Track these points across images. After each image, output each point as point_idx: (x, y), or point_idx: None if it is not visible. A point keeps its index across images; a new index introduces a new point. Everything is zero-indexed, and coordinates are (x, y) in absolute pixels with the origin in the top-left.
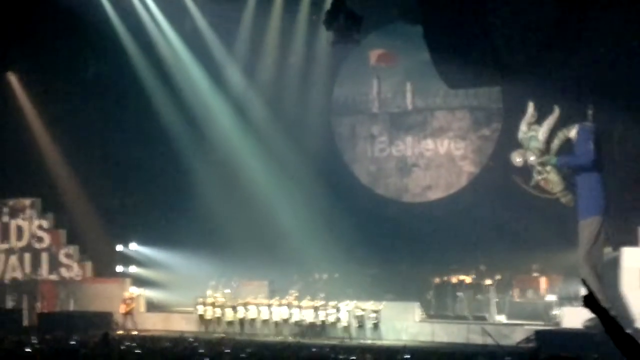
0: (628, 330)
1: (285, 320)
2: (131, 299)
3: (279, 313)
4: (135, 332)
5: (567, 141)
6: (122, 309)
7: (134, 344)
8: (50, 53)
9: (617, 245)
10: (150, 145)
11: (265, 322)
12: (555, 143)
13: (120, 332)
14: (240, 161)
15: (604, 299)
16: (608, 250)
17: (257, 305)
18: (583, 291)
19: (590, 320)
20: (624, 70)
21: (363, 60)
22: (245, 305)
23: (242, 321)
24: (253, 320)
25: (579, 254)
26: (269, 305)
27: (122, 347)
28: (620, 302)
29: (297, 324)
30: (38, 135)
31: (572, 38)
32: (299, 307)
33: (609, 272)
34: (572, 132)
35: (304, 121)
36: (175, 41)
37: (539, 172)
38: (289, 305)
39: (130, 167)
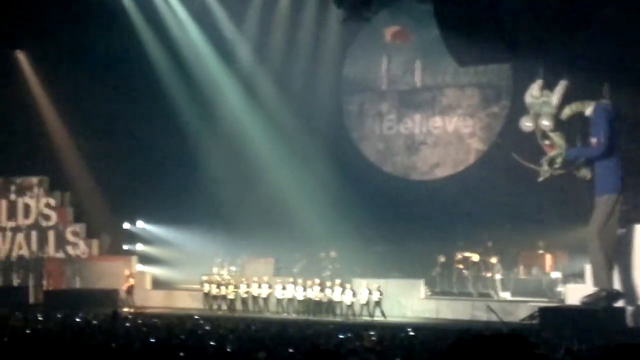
0: (631, 308)
1: (291, 298)
2: (131, 276)
3: (284, 291)
4: (138, 310)
5: (580, 115)
6: (124, 286)
7: (140, 321)
8: (58, 31)
9: (626, 222)
10: (158, 123)
11: (270, 299)
12: (566, 112)
13: (127, 309)
14: (248, 138)
15: (610, 277)
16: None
17: (262, 283)
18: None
19: (589, 296)
20: (636, 45)
21: (373, 38)
22: (250, 282)
23: (247, 299)
24: (258, 297)
25: (591, 229)
26: (274, 283)
27: (128, 324)
28: (628, 279)
29: (302, 301)
30: (46, 113)
31: (582, 14)
32: (304, 285)
33: (618, 249)
34: (589, 110)
35: (313, 99)
36: (184, 18)
37: (545, 137)
38: (295, 283)
39: (138, 145)
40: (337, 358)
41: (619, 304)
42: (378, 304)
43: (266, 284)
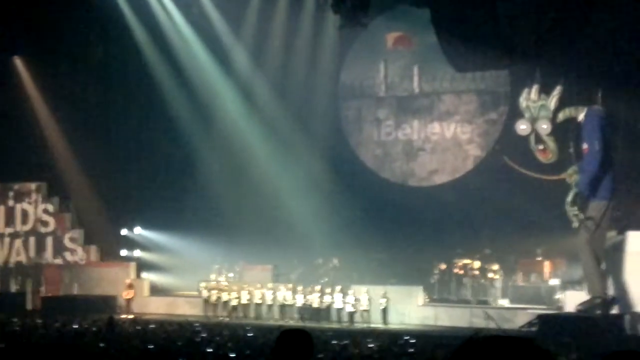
0: (628, 315)
1: (289, 305)
2: (131, 286)
3: (282, 298)
4: (136, 317)
5: (573, 120)
6: (125, 294)
7: (139, 328)
8: (56, 37)
9: (622, 229)
10: (156, 128)
11: (269, 306)
12: (559, 117)
13: (124, 316)
14: (246, 144)
15: (604, 283)
16: (612, 234)
17: (262, 289)
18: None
19: (583, 303)
20: (632, 53)
21: (370, 44)
22: (249, 289)
23: (245, 305)
24: (257, 304)
25: (581, 236)
26: (273, 290)
27: (127, 331)
28: (623, 286)
29: (301, 308)
30: (43, 119)
31: (579, 21)
32: (303, 292)
33: (613, 255)
34: (581, 115)
35: (310, 105)
36: (182, 24)
37: (540, 141)
38: (294, 290)
39: (135, 150)
40: (308, 338)
41: (615, 310)
42: (384, 310)
43: (267, 291)
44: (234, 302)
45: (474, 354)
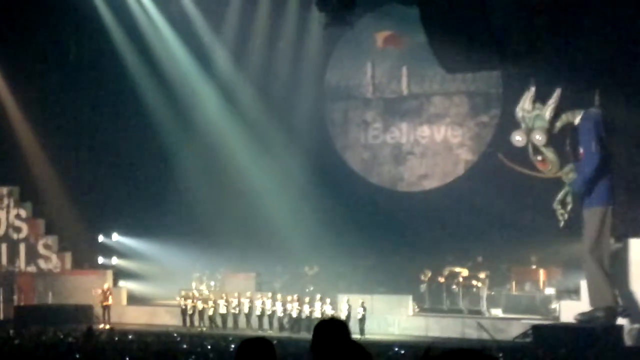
0: (630, 325)
1: (271, 315)
2: (105, 292)
3: (264, 307)
4: (114, 327)
5: (570, 124)
6: (99, 300)
7: (116, 338)
8: (28, 36)
9: (621, 236)
10: (134, 131)
11: (250, 316)
12: (557, 125)
13: (102, 325)
14: (227, 148)
15: (613, 293)
16: (611, 241)
17: (242, 298)
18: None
19: (583, 314)
20: (629, 53)
21: (357, 43)
22: (229, 298)
23: (226, 315)
24: (238, 314)
25: (583, 246)
26: (250, 299)
27: (103, 342)
28: (630, 296)
29: (284, 318)
30: (15, 121)
31: (574, 20)
32: (284, 301)
33: (613, 264)
34: (577, 119)
35: (294, 107)
36: (160, 22)
37: (538, 152)
38: (274, 299)
39: (112, 154)
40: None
41: (622, 321)
42: (362, 320)
43: (246, 300)
44: (213, 312)
45: None
